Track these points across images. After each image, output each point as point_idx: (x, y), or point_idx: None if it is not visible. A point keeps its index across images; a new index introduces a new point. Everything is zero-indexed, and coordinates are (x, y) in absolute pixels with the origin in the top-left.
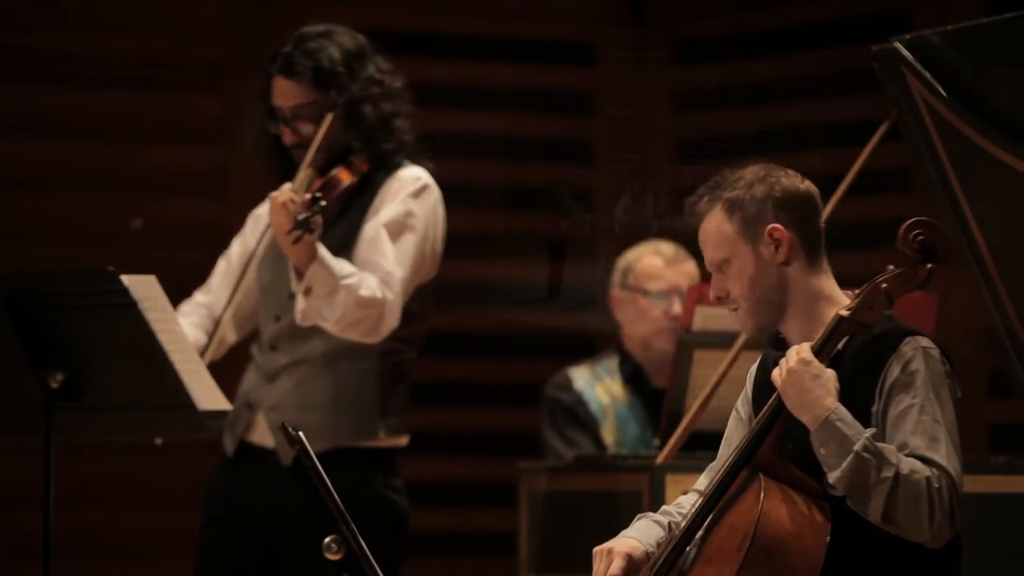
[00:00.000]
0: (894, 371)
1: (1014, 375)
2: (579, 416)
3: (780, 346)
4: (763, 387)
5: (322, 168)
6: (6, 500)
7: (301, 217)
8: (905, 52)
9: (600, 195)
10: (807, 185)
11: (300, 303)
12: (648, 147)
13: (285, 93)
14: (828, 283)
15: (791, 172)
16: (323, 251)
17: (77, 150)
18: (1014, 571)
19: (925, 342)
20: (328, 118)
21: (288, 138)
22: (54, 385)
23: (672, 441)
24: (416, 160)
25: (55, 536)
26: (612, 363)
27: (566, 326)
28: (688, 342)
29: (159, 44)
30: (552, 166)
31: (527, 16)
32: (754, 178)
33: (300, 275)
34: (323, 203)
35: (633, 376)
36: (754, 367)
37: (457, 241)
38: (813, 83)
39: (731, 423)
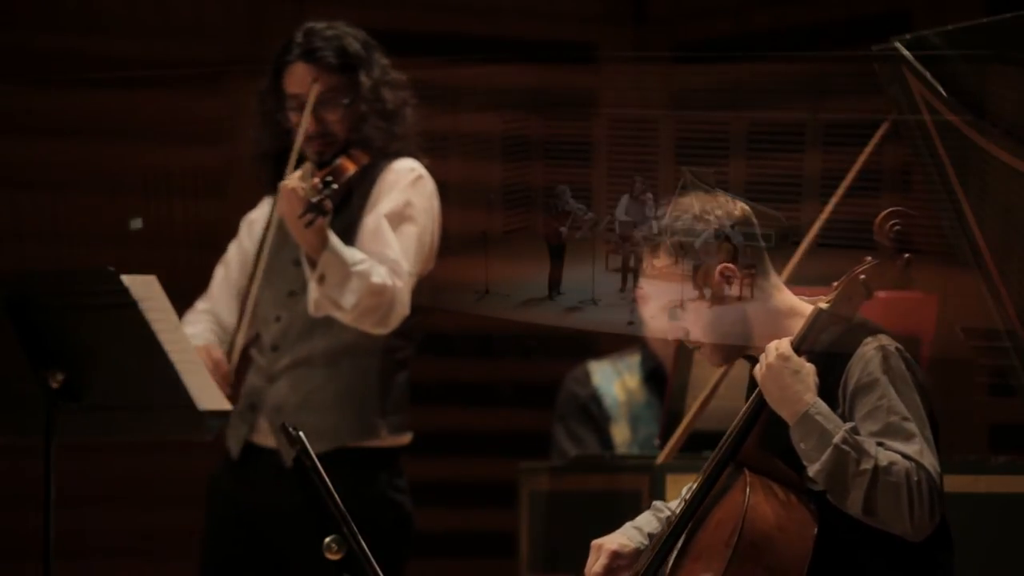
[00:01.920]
0: (854, 373)
1: (1014, 375)
2: (591, 413)
3: None
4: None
5: (320, 164)
6: (6, 500)
7: (315, 200)
8: (905, 52)
9: (600, 195)
10: (740, 207)
11: (313, 292)
12: (648, 147)
13: (307, 80)
14: (785, 296)
15: (719, 195)
16: (334, 238)
17: (77, 150)
18: (1014, 571)
19: (883, 339)
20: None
21: (310, 127)
22: (54, 385)
23: (672, 441)
24: (413, 154)
25: (55, 536)
26: (634, 360)
27: (566, 326)
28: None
29: (159, 44)
30: (552, 166)
31: (527, 16)
32: (692, 216)
33: (312, 264)
34: (334, 186)
35: (652, 375)
36: None
37: (457, 240)
38: (813, 83)
39: None
